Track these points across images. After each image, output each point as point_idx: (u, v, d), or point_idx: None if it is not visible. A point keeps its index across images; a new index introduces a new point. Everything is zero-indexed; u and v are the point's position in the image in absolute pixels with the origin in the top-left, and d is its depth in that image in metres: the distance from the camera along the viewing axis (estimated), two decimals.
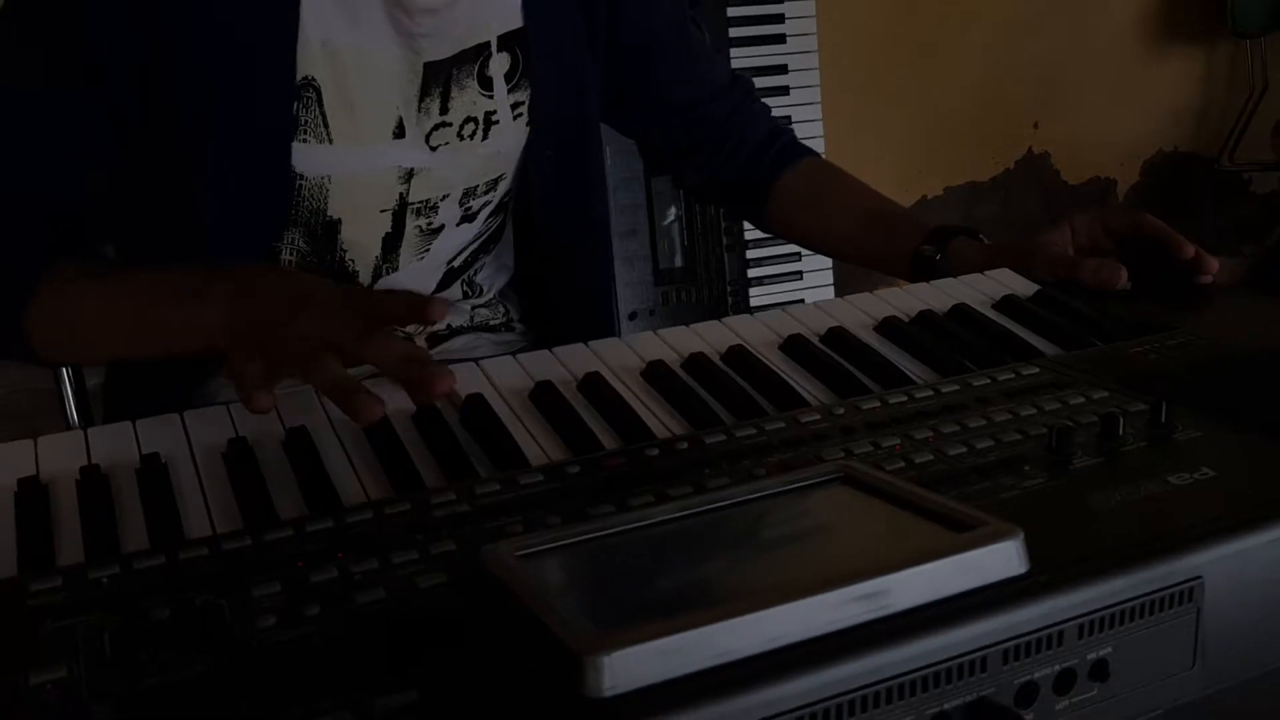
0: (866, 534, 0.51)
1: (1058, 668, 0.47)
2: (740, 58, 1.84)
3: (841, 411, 0.67)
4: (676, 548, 0.51)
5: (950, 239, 1.02)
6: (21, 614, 0.48)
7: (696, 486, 0.58)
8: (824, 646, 0.43)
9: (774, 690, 0.42)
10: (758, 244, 1.82)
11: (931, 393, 0.69)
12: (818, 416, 0.67)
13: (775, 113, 1.83)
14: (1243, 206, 2.77)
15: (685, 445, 0.64)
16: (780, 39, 1.87)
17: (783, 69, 1.86)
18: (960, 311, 0.85)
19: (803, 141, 1.25)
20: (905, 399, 0.68)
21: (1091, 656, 0.48)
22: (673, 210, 1.82)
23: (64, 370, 1.10)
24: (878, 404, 0.68)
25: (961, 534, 0.48)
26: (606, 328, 1.25)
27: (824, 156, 1.88)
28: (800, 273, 1.86)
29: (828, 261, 1.86)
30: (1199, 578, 0.50)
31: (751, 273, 1.83)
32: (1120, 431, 0.61)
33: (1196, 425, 0.62)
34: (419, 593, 0.49)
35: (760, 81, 1.87)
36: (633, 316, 1.78)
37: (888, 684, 0.44)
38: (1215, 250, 0.92)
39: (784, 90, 1.88)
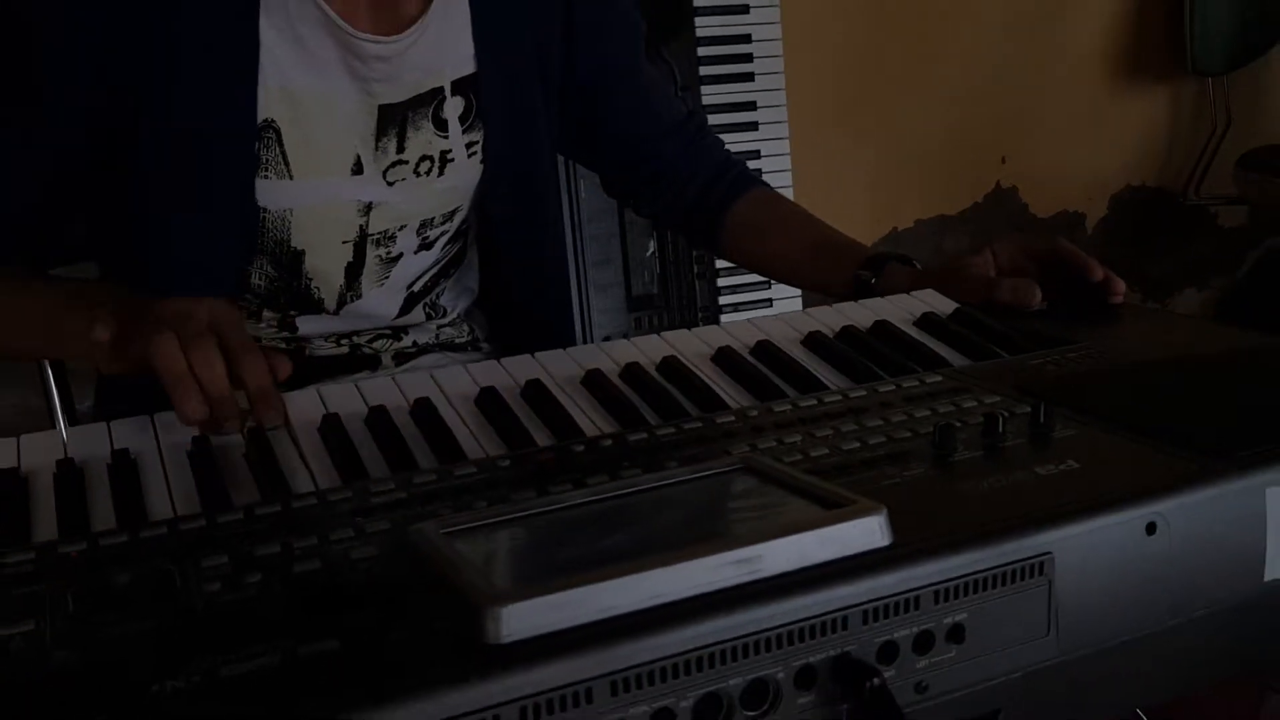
0: (752, 512, 0.57)
1: (916, 629, 0.53)
2: (710, 94, 1.91)
3: (755, 413, 0.73)
4: (584, 526, 0.57)
5: (885, 264, 1.08)
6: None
7: (612, 476, 0.64)
8: (700, 604, 0.49)
9: (654, 640, 0.48)
10: (729, 272, 1.88)
11: (840, 397, 0.75)
12: (733, 418, 0.73)
13: (744, 148, 1.91)
14: (1210, 240, 2.84)
15: (609, 442, 0.70)
16: (749, 77, 1.94)
17: (751, 105, 1.94)
18: (880, 327, 0.91)
19: (770, 175, 1.32)
20: (815, 403, 0.74)
21: (948, 621, 0.54)
22: (652, 244, 1.89)
23: (54, 392, 1.16)
24: (789, 407, 0.74)
25: (831, 510, 0.54)
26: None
27: (793, 190, 1.97)
28: (770, 300, 1.92)
29: (797, 289, 1.92)
30: (1049, 553, 0.56)
31: (722, 300, 1.89)
32: (1000, 429, 0.67)
33: (1074, 425, 0.68)
34: (350, 563, 0.55)
35: (729, 118, 1.95)
36: (606, 340, 1.84)
37: (756, 637, 0.50)
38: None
39: (753, 126, 1.95)
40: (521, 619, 0.47)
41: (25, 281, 0.98)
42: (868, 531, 0.53)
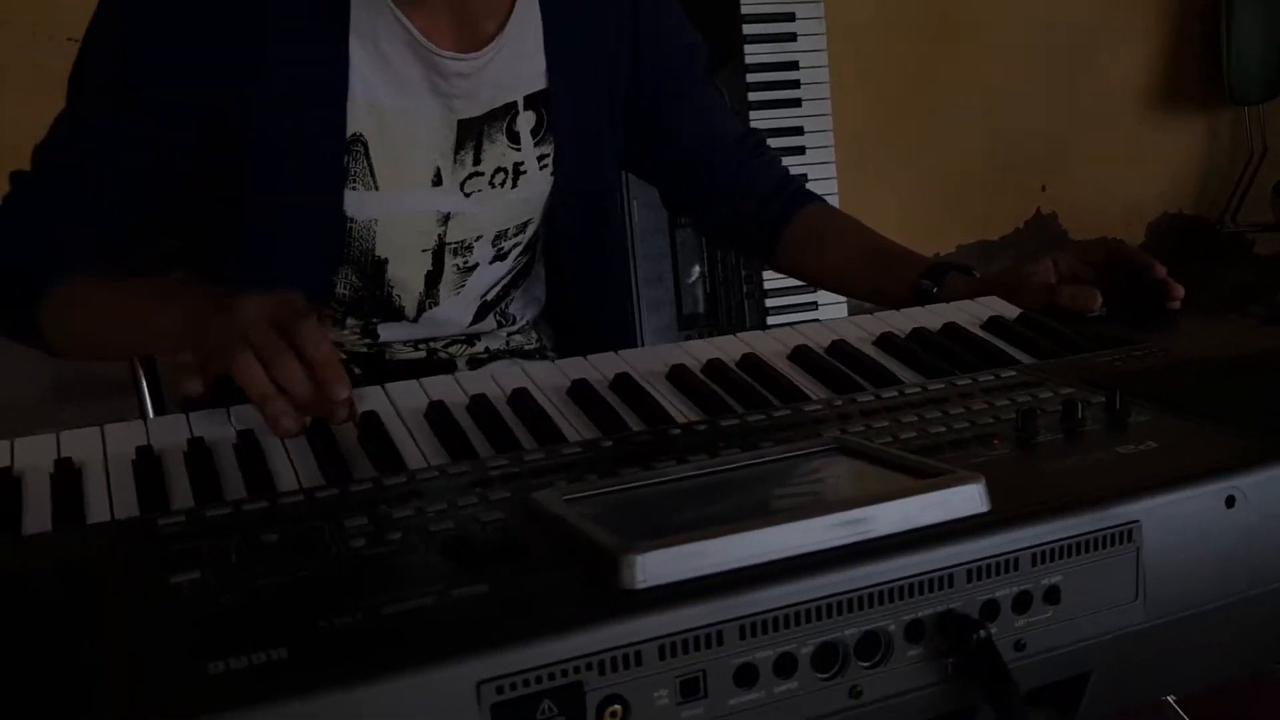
0: (856, 482, 0.61)
1: (1015, 590, 0.57)
2: (758, 120, 1.97)
3: (839, 403, 0.77)
4: (696, 493, 0.60)
5: (946, 273, 1.12)
6: (154, 538, 0.58)
7: (712, 455, 0.67)
8: (817, 559, 0.53)
9: (775, 590, 0.52)
10: (777, 293, 1.93)
11: (919, 389, 0.79)
12: (819, 407, 0.76)
13: (791, 172, 1.96)
14: (1247, 266, 2.87)
15: (703, 427, 0.74)
16: (796, 103, 2.00)
17: (798, 130, 1.99)
18: (950, 329, 0.95)
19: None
20: (896, 394, 0.78)
21: (1045, 582, 0.57)
22: (697, 268, 1.94)
23: (146, 393, 1.21)
24: (872, 398, 0.78)
25: (932, 479, 0.58)
26: None
27: None
28: (817, 320, 1.96)
29: (844, 308, 1.96)
30: (1136, 521, 0.59)
31: (770, 320, 1.93)
32: (1079, 414, 0.70)
33: (1147, 412, 0.72)
34: (481, 524, 0.59)
35: (777, 142, 2.00)
36: None
37: (868, 591, 0.53)
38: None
39: (800, 150, 2.00)
40: (655, 566, 0.51)
41: (116, 283, 1.03)
42: (968, 498, 0.57)
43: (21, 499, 0.67)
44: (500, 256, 1.20)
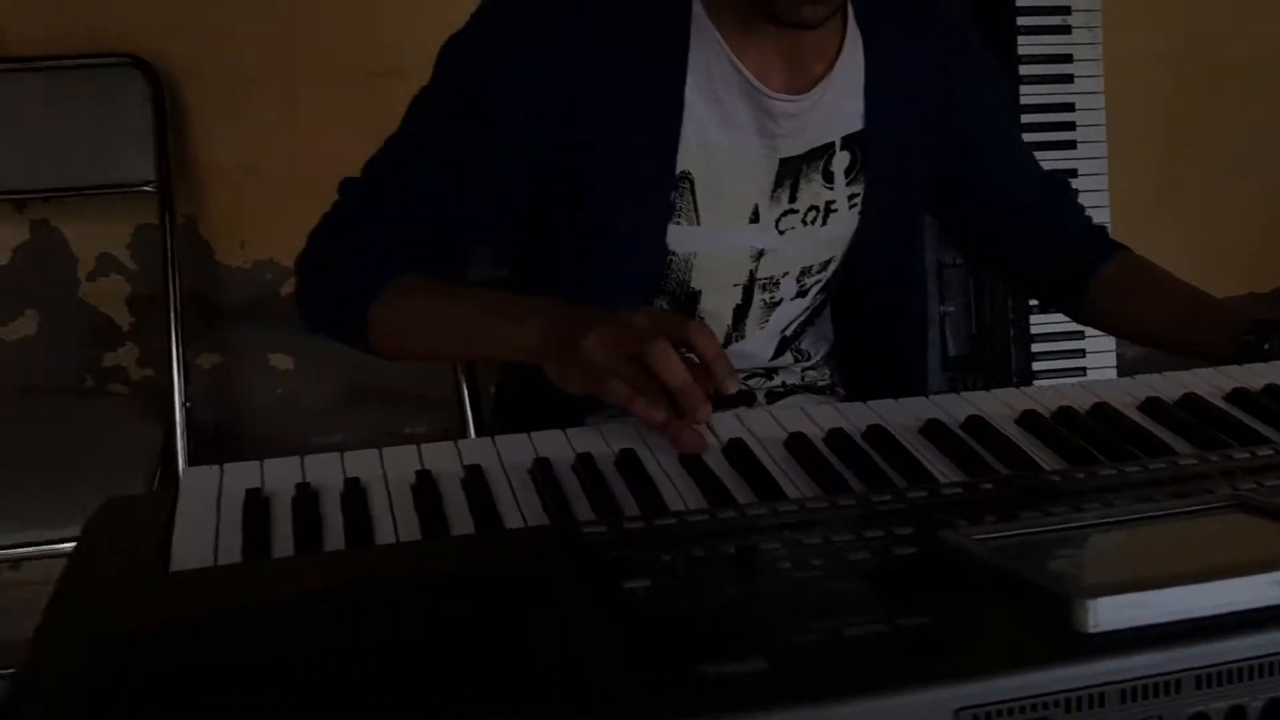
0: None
1: None
2: None
3: (1216, 459, 0.75)
4: (1109, 544, 0.61)
5: (1272, 328, 1.08)
6: (585, 546, 0.63)
7: (1105, 504, 0.67)
8: (1267, 615, 0.53)
9: (1227, 643, 0.51)
10: (1044, 338, 1.89)
11: None
12: (1195, 461, 0.75)
13: None
14: None
15: (1081, 475, 0.74)
16: (1071, 145, 1.96)
17: (1073, 173, 1.94)
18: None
19: None
20: (1272, 453, 0.76)
21: None
22: (962, 311, 1.92)
23: (469, 411, 1.29)
24: (1248, 455, 0.76)
25: None
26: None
27: None
28: (1084, 368, 1.91)
29: (1111, 357, 1.91)
30: None
31: (1036, 365, 1.90)
32: None
33: None
34: (897, 559, 0.60)
35: None
36: None
37: None
38: None
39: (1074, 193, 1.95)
40: (1110, 611, 0.51)
41: (457, 290, 1.09)
42: None
43: (442, 500, 0.73)
44: (802, 293, 1.23)
